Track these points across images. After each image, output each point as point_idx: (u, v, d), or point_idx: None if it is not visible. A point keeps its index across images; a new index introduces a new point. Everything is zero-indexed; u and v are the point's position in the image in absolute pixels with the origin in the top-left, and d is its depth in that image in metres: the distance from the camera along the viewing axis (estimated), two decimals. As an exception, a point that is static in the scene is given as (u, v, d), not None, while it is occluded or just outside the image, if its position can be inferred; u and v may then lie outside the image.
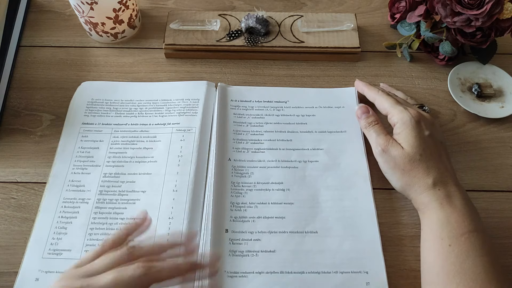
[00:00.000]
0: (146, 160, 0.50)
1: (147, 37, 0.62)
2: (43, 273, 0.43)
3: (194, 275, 0.38)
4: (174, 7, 0.65)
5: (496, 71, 0.57)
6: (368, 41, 0.61)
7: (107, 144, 0.51)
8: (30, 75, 0.58)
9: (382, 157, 0.45)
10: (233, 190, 0.48)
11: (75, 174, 0.49)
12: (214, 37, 0.59)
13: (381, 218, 0.47)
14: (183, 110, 0.53)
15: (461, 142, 0.53)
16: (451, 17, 0.52)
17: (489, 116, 0.53)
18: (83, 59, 0.59)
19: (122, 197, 0.47)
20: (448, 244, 0.39)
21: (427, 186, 0.42)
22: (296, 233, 0.45)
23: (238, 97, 0.55)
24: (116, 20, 0.57)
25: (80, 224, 0.45)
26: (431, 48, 0.59)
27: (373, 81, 0.57)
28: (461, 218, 0.40)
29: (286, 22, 0.60)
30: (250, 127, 0.52)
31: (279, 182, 0.48)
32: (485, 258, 0.38)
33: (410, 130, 0.44)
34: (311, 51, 0.58)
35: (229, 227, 0.45)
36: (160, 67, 0.59)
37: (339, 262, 0.43)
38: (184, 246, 0.38)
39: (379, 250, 0.44)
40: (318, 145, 0.51)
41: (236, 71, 0.59)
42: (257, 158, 0.50)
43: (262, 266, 0.43)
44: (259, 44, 0.58)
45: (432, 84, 0.57)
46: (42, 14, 0.64)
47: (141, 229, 0.38)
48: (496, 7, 0.50)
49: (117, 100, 0.55)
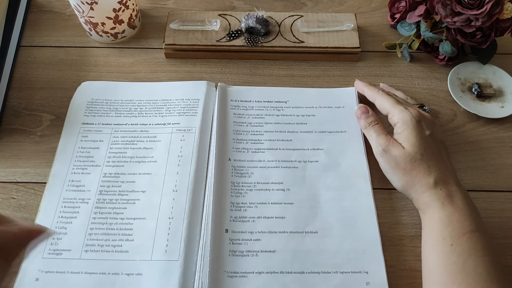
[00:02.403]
0: (146, 160, 0.50)
1: (147, 37, 0.62)
2: (43, 273, 0.42)
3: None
4: (174, 7, 0.65)
5: (496, 71, 0.57)
6: (368, 41, 0.61)
7: (107, 144, 0.51)
8: (30, 75, 0.58)
9: (383, 157, 0.45)
10: (233, 190, 0.48)
11: (75, 174, 0.49)
12: (214, 37, 0.59)
13: (381, 218, 0.47)
14: (183, 110, 0.53)
15: (461, 142, 0.53)
16: (451, 17, 0.52)
17: (489, 116, 0.53)
18: (83, 59, 0.59)
19: (122, 197, 0.47)
20: (450, 244, 0.39)
21: (428, 186, 0.42)
22: (296, 233, 0.45)
23: (238, 97, 0.55)
24: (116, 20, 0.57)
25: (80, 224, 0.45)
26: (431, 48, 0.59)
27: (373, 81, 0.57)
28: (463, 218, 0.40)
29: (286, 22, 0.60)
30: (250, 127, 0.52)
31: (279, 182, 0.48)
32: (486, 258, 0.38)
33: (411, 130, 0.44)
34: (311, 51, 0.58)
35: (229, 227, 0.45)
36: (160, 67, 0.59)
37: (339, 262, 0.43)
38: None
39: (379, 250, 0.44)
40: (318, 145, 0.51)
41: (236, 71, 0.59)
42: (257, 158, 0.50)
43: (262, 266, 0.43)
44: (259, 44, 0.58)
45: (432, 84, 0.57)
46: (42, 14, 0.64)
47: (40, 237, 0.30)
48: (496, 7, 0.50)
49: (117, 100, 0.55)
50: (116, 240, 0.44)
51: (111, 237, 0.45)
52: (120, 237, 0.45)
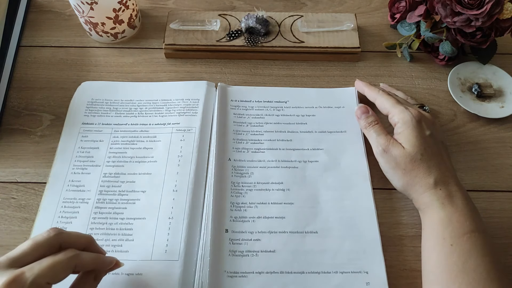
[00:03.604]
0: (146, 160, 0.50)
1: (147, 37, 0.62)
2: (43, 273, 0.42)
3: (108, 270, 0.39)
4: (174, 7, 0.65)
5: (496, 71, 0.57)
6: (368, 41, 0.61)
7: (107, 144, 0.51)
8: (30, 75, 0.58)
9: (383, 157, 0.45)
10: (233, 190, 0.48)
11: (75, 174, 0.49)
12: (214, 37, 0.59)
13: (381, 218, 0.47)
14: (183, 110, 0.53)
15: (461, 142, 0.53)
16: (451, 17, 0.52)
17: (489, 116, 0.53)
18: (83, 59, 0.59)
19: (122, 197, 0.47)
20: (450, 244, 0.39)
21: (428, 186, 0.42)
22: (296, 233, 0.45)
23: (238, 97, 0.55)
24: (116, 20, 0.57)
25: (80, 224, 0.45)
26: (431, 48, 0.59)
27: (373, 81, 0.57)
28: (463, 218, 0.40)
29: (286, 22, 0.60)
30: (250, 127, 0.52)
31: (279, 182, 0.48)
32: (486, 258, 0.38)
33: (411, 129, 0.44)
34: (311, 51, 0.58)
35: (229, 227, 0.45)
36: (160, 67, 0.59)
37: (339, 262, 0.43)
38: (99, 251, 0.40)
39: (379, 250, 0.44)
40: (318, 145, 0.51)
41: (236, 71, 0.59)
42: (257, 158, 0.50)
43: (262, 266, 0.43)
44: (259, 44, 0.58)
45: (432, 84, 0.57)
46: (42, 14, 0.64)
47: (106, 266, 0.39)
48: (496, 7, 0.50)
49: (117, 100, 0.55)
50: (116, 240, 0.44)
51: (111, 237, 0.45)
52: (120, 237, 0.45)
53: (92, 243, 0.38)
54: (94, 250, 0.38)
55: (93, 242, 0.38)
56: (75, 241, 0.36)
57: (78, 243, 0.37)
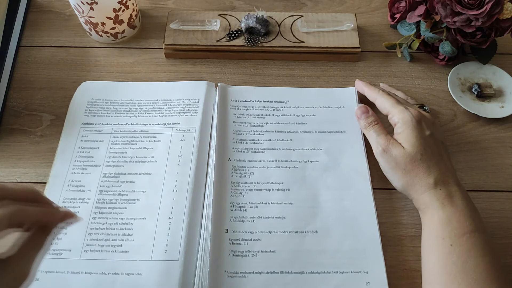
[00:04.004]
0: (146, 160, 0.50)
1: (147, 37, 0.62)
2: (43, 273, 0.42)
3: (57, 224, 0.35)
4: (174, 7, 0.65)
5: (496, 71, 0.57)
6: (368, 41, 0.61)
7: (107, 144, 0.51)
8: (30, 75, 0.58)
9: (383, 157, 0.45)
10: (233, 190, 0.48)
11: (75, 174, 0.49)
12: (214, 37, 0.59)
13: (381, 218, 0.47)
14: (183, 110, 0.53)
15: (461, 142, 0.53)
16: (451, 17, 0.52)
17: (489, 116, 0.53)
18: (83, 59, 0.59)
19: (122, 197, 0.47)
20: (449, 244, 0.39)
21: (428, 186, 0.42)
22: (296, 233, 0.45)
23: (238, 97, 0.55)
24: (116, 20, 0.57)
25: (80, 224, 0.45)
26: (431, 48, 0.59)
27: (373, 81, 0.57)
28: (463, 218, 0.40)
29: (286, 22, 0.60)
30: (250, 127, 0.52)
31: (279, 182, 0.48)
32: (486, 258, 0.38)
33: (411, 130, 0.44)
34: (311, 51, 0.58)
35: (229, 227, 0.45)
36: (160, 67, 0.59)
37: (339, 262, 0.43)
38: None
39: (379, 250, 0.44)
40: (318, 145, 0.51)
41: (236, 71, 0.59)
42: (257, 158, 0.50)
43: (262, 266, 0.43)
44: (259, 44, 0.58)
45: (432, 84, 0.57)
46: (42, 14, 0.64)
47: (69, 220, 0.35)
48: (496, 7, 0.50)
49: (117, 100, 0.55)
50: (116, 240, 0.44)
51: (111, 237, 0.45)
52: (120, 237, 0.45)
53: (37, 195, 0.35)
54: (42, 203, 0.35)
55: (39, 194, 0.35)
56: (14, 194, 0.33)
57: (18, 196, 0.33)
